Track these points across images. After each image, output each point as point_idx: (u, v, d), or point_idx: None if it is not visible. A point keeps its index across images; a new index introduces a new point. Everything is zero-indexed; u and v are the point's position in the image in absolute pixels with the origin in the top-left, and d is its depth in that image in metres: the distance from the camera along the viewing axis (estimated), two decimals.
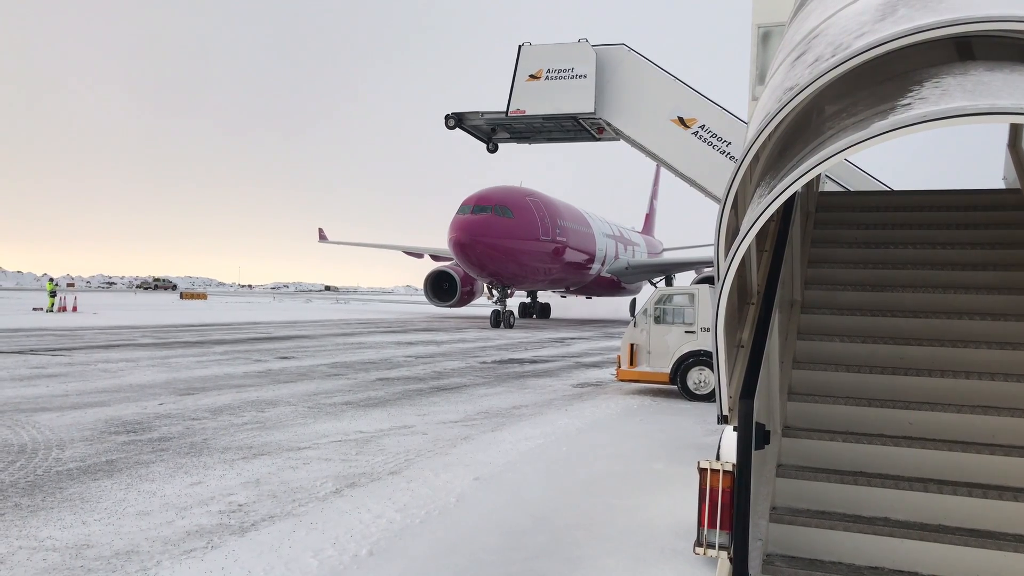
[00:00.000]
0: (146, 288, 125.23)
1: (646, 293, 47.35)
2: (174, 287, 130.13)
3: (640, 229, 65.17)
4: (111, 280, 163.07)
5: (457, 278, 42.67)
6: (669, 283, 47.43)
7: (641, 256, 54.50)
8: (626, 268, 47.87)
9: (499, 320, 36.16)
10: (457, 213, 36.25)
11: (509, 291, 38.43)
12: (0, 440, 8.49)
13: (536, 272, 39.03)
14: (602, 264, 46.03)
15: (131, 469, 7.40)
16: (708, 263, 42.86)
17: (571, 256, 41.30)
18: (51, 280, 46.90)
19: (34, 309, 42.81)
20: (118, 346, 20.85)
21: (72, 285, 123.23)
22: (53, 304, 41.58)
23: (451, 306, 44.80)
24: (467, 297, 44.21)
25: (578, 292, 50.74)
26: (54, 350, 19.21)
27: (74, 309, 41.68)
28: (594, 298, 53.82)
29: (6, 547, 5.21)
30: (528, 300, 51.11)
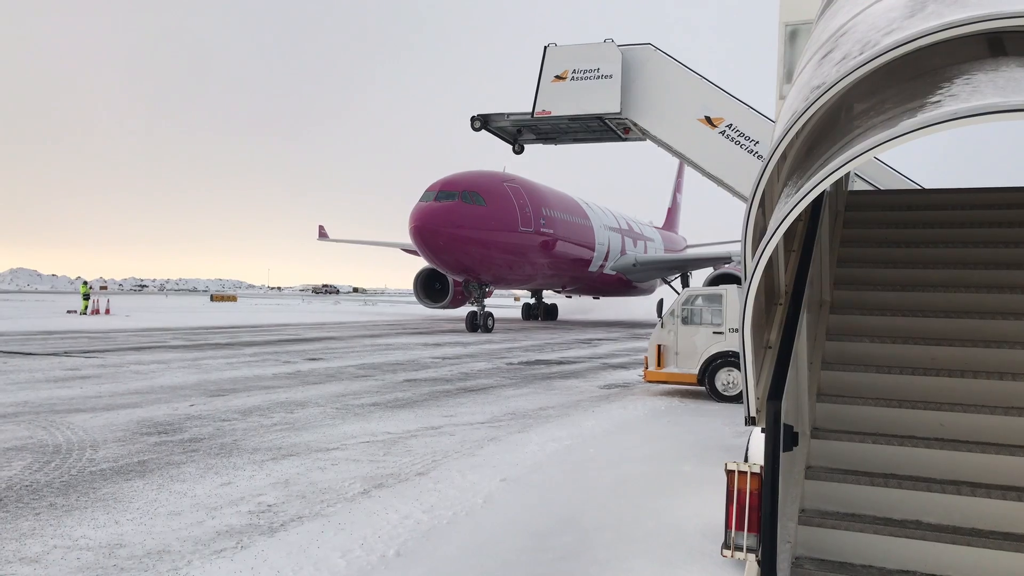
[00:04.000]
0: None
1: (662, 293, 45.94)
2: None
3: (661, 224, 61.99)
4: (143, 283, 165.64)
5: (449, 277, 38.08)
6: (685, 281, 44.99)
7: (657, 253, 50.64)
8: (633, 265, 43.89)
9: (475, 323, 32.38)
10: (419, 200, 31.73)
11: (488, 290, 35.23)
12: (36, 441, 8.64)
13: (516, 268, 34.86)
14: (604, 260, 41.99)
15: (162, 470, 7.49)
16: (726, 259, 40.29)
17: (562, 250, 37.17)
18: (85, 283, 47.62)
19: (68, 312, 43.55)
20: (150, 348, 21.14)
21: (105, 288, 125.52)
22: (87, 307, 42.23)
23: (443, 307, 41.01)
24: (461, 298, 39.85)
25: (583, 292, 47.37)
26: (87, 352, 19.51)
27: (107, 312, 42.30)
28: (620, 298, 51.05)
29: (41, 546, 5.30)
30: (532, 301, 48.15)
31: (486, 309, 33.31)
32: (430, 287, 40.59)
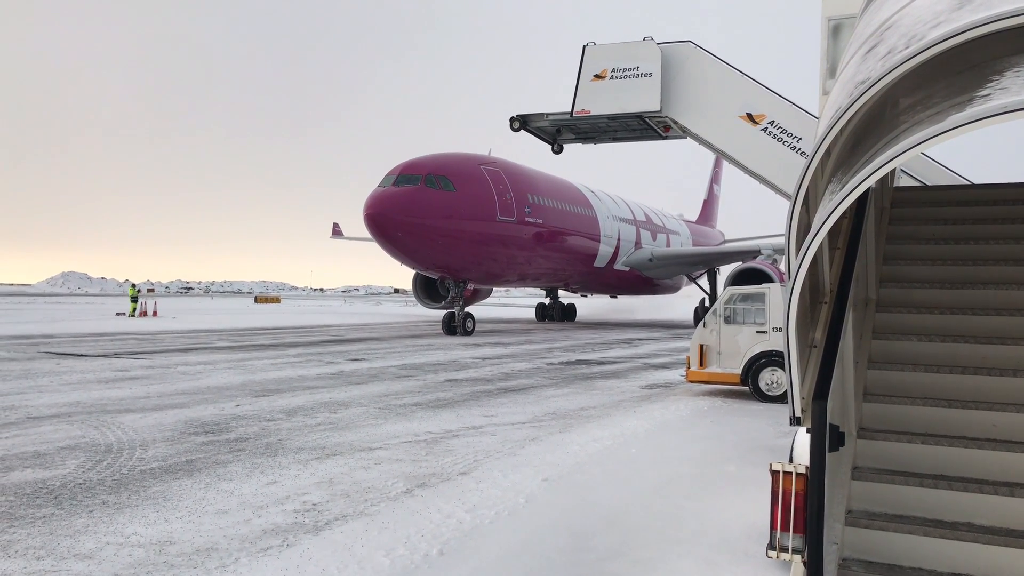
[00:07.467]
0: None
1: (694, 291, 44.23)
2: None
3: (696, 217, 56.92)
4: (188, 285, 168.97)
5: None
6: (712, 278, 41.63)
7: (683, 247, 46.51)
8: (649, 259, 39.82)
9: (452, 325, 28.72)
10: (377, 186, 27.60)
11: (468, 288, 31.77)
12: (88, 440, 8.85)
13: (497, 264, 30.71)
14: (614, 254, 37.94)
15: (210, 469, 7.63)
16: (755, 252, 36.02)
17: (555, 243, 33.01)
18: (133, 286, 48.59)
19: (117, 314, 44.55)
20: (196, 349, 21.51)
21: (152, 291, 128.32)
22: (135, 309, 43.15)
23: (442, 308, 34.15)
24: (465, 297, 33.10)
25: (593, 290, 43.29)
26: (136, 353, 19.93)
27: (154, 314, 43.21)
28: (646, 297, 47.69)
29: (95, 542, 5.43)
30: (547, 301, 44.72)
31: (465, 310, 29.80)
32: (430, 286, 34.91)
